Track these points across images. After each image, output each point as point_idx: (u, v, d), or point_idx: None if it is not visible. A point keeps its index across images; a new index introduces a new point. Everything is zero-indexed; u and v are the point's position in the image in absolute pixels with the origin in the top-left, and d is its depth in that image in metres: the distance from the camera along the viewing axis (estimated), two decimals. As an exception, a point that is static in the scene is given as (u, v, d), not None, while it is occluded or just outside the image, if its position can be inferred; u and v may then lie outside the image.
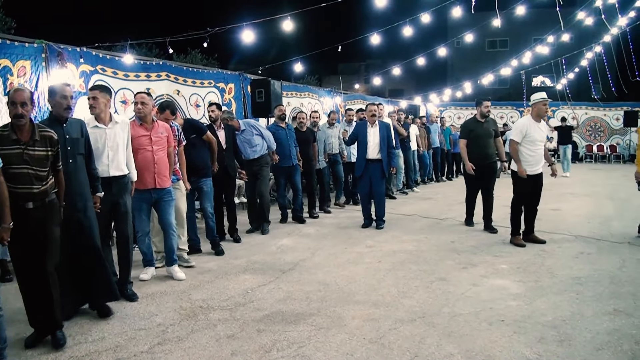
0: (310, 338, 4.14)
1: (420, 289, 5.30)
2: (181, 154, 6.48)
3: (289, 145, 9.02)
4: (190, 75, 10.54)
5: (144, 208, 5.85)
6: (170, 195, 5.95)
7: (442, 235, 7.78)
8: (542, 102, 7.11)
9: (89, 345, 4.14)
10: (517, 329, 4.20)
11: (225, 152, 7.65)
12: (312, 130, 9.95)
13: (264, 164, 8.45)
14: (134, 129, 5.62)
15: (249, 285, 5.59)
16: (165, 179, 5.87)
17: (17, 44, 7.08)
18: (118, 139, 5.19)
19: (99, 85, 5.47)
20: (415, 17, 12.34)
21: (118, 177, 5.19)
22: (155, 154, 5.77)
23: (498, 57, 27.80)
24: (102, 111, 5.12)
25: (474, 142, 8.10)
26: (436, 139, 15.45)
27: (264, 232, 8.38)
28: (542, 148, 7.14)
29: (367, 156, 8.66)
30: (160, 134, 5.86)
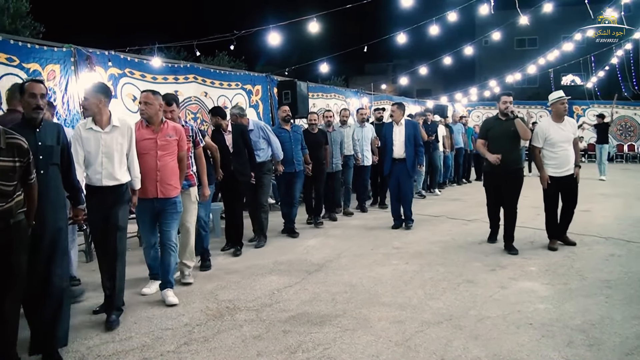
0: (336, 339, 4.13)
1: (447, 291, 5.26)
2: (200, 157, 6.00)
3: (292, 150, 8.32)
4: (217, 77, 10.63)
5: (147, 218, 5.34)
6: (175, 207, 5.32)
7: (470, 237, 7.70)
8: (559, 101, 6.85)
9: (116, 344, 4.19)
10: (545, 333, 4.14)
11: (232, 156, 7.10)
12: (323, 132, 9.39)
13: (265, 170, 7.85)
14: (138, 132, 5.12)
15: (275, 286, 5.61)
16: (170, 187, 5.22)
17: (47, 48, 7.24)
18: (114, 144, 4.63)
19: (92, 84, 4.89)
20: (442, 16, 12.27)
21: (111, 188, 4.63)
22: (160, 159, 5.15)
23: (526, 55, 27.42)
24: (97, 113, 4.60)
25: (491, 143, 6.99)
26: (459, 140, 15.02)
27: (259, 246, 7.58)
28: (566, 149, 6.78)
29: (393, 155, 8.56)
30: (169, 137, 5.23)
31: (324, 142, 9.20)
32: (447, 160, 14.36)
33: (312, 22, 10.20)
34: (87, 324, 4.62)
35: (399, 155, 8.53)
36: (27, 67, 6.87)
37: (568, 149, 6.79)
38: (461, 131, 15.20)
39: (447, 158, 14.35)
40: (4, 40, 6.74)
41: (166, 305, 5.07)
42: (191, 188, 5.83)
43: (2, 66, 6.59)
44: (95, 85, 4.79)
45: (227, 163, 6.96)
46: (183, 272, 5.86)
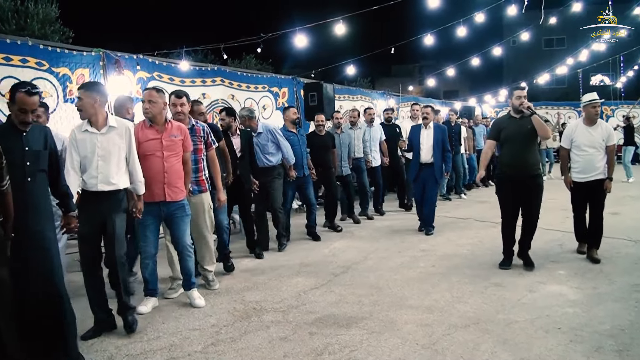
0: (362, 342, 4.13)
1: (474, 294, 5.22)
2: (212, 159, 5.68)
3: (301, 153, 7.99)
4: (244, 80, 10.70)
5: (151, 224, 4.98)
6: (183, 210, 5.04)
7: (498, 240, 7.51)
8: (590, 104, 6.38)
9: (144, 344, 4.26)
10: (573, 337, 4.08)
11: (239, 160, 6.79)
12: (331, 135, 8.96)
13: (275, 175, 7.52)
14: (141, 132, 4.86)
15: (301, 288, 5.62)
16: (178, 190, 4.97)
17: (76, 52, 7.36)
18: (111, 146, 4.37)
19: (85, 83, 4.59)
20: (469, 17, 12.18)
21: (107, 193, 4.36)
22: (166, 160, 4.89)
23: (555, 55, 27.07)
24: (92, 114, 4.31)
25: (504, 145, 6.12)
26: (481, 141, 14.50)
27: (281, 249, 7.50)
28: (592, 154, 6.32)
29: (420, 160, 8.27)
30: (174, 137, 4.95)
31: (332, 145, 8.82)
32: (470, 162, 14.04)
33: (338, 24, 10.19)
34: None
35: (426, 160, 8.24)
36: (57, 72, 7.00)
37: (594, 155, 6.33)
38: (483, 133, 14.77)
39: (471, 159, 14.04)
40: (34, 45, 6.88)
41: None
42: (203, 194, 5.53)
43: (32, 70, 6.72)
44: (89, 84, 4.54)
45: (234, 167, 6.63)
46: (207, 277, 5.70)
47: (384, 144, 10.40)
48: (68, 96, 7.17)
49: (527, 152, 6.02)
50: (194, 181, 5.39)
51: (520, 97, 5.97)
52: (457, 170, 12.79)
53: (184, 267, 5.17)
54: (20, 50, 6.64)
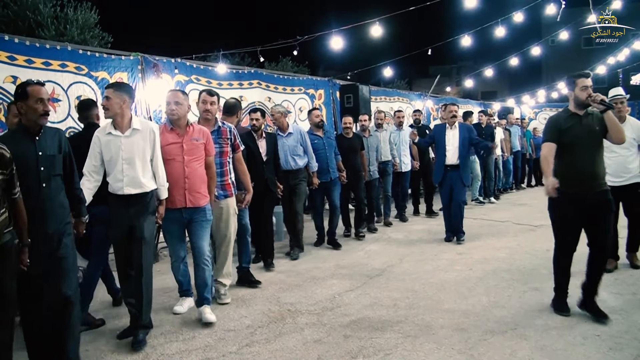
0: (397, 346, 4.09)
1: (512, 299, 5.12)
2: (239, 161, 5.48)
3: (327, 157, 7.74)
4: (280, 82, 10.74)
5: (176, 230, 4.88)
6: (204, 215, 4.84)
7: (536, 243, 7.46)
8: (613, 100, 5.73)
9: (180, 344, 4.30)
10: (613, 345, 3.96)
11: (265, 164, 6.56)
12: (359, 137, 8.67)
13: (302, 178, 7.33)
14: (162, 136, 4.63)
15: (336, 290, 5.61)
16: (199, 196, 4.78)
17: (114, 57, 7.50)
18: (135, 149, 4.28)
19: (114, 83, 4.51)
20: (507, 17, 11.99)
21: (135, 196, 4.28)
22: (187, 165, 4.71)
23: (594, 54, 26.41)
24: (118, 114, 4.25)
25: (564, 151, 4.56)
26: (516, 143, 14.27)
27: (294, 258, 7.16)
28: (623, 155, 5.75)
29: (445, 162, 7.86)
30: (196, 141, 4.77)
31: (360, 148, 8.53)
32: (507, 165, 13.73)
33: (374, 25, 10.14)
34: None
35: (452, 162, 7.83)
36: (96, 76, 7.14)
37: (626, 155, 5.78)
38: (518, 134, 14.49)
39: (507, 162, 13.71)
40: (73, 50, 7.03)
41: (230, 304, 5.17)
42: (229, 199, 5.30)
43: (72, 75, 6.87)
44: (119, 84, 4.47)
45: (259, 171, 6.38)
46: (219, 291, 5.35)
47: (415, 147, 10.17)
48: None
49: (596, 160, 4.56)
50: (219, 185, 5.19)
51: (587, 87, 4.51)
52: (488, 173, 12.43)
53: (199, 278, 4.86)
54: (59, 55, 6.80)
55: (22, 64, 6.47)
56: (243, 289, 5.75)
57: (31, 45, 6.60)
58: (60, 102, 6.73)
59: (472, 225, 9.09)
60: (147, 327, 4.39)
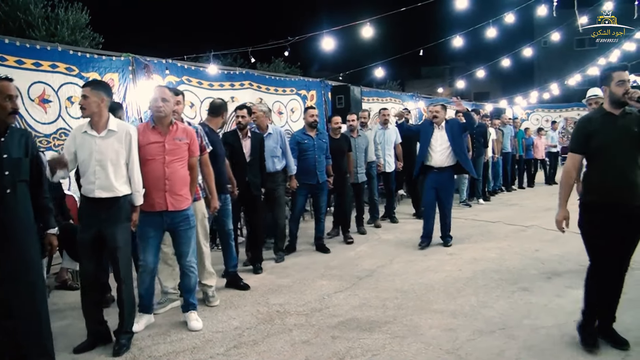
0: (385, 346, 4.09)
1: (501, 299, 5.12)
2: (205, 164, 5.14)
3: (315, 159, 7.41)
4: (272, 83, 10.77)
5: (151, 236, 4.55)
6: (188, 222, 4.63)
7: (526, 243, 7.49)
8: (590, 100, 5.58)
9: (167, 345, 4.29)
10: (601, 344, 3.97)
11: (249, 165, 6.29)
12: (346, 137, 8.30)
13: (280, 181, 7.13)
14: (143, 134, 4.43)
15: (325, 291, 5.60)
16: (181, 199, 4.54)
17: (105, 58, 7.53)
18: (109, 151, 4.07)
19: (92, 81, 4.33)
20: (500, 18, 12.03)
21: (106, 200, 4.06)
22: (168, 165, 4.45)
23: (587, 56, 26.51)
24: (95, 113, 4.05)
25: (597, 157, 3.93)
26: (507, 144, 13.97)
27: (279, 261, 7.01)
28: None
29: (431, 163, 7.47)
30: (179, 141, 4.55)
31: (347, 149, 8.22)
32: (496, 166, 13.55)
33: (366, 26, 10.16)
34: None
35: (440, 165, 7.44)
36: (87, 76, 7.13)
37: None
38: (510, 134, 14.25)
39: (497, 164, 13.51)
40: (64, 50, 7.05)
41: (218, 306, 5.15)
42: (197, 202, 5.09)
43: (62, 75, 6.88)
44: (96, 82, 4.28)
45: (242, 174, 6.15)
46: (207, 293, 5.30)
47: (399, 147, 9.90)
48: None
49: (634, 167, 3.86)
50: None
51: (625, 82, 3.85)
52: (478, 175, 11.91)
53: (185, 285, 4.78)
54: (50, 56, 6.81)
55: (13, 64, 6.48)
56: (232, 291, 5.74)
57: (21, 45, 6.61)
58: (51, 103, 6.75)
59: (463, 225, 9.11)
60: (129, 332, 4.26)
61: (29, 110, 6.58)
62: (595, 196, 3.92)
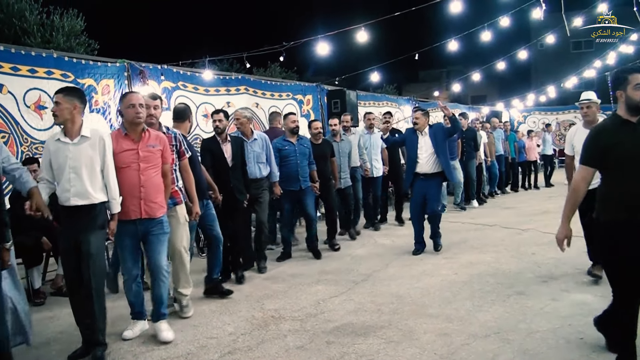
0: (380, 351, 4.09)
1: (496, 303, 5.12)
2: (185, 169, 5.09)
3: (297, 165, 7.29)
4: (268, 88, 10.79)
5: (129, 245, 4.50)
6: (161, 228, 4.53)
7: (523, 247, 7.49)
8: (580, 104, 5.71)
9: (162, 352, 4.28)
10: (596, 348, 3.97)
11: (231, 170, 6.15)
12: (328, 142, 8.15)
13: (265, 187, 6.91)
14: (116, 142, 4.35)
15: (320, 296, 5.60)
16: (156, 206, 4.46)
17: (100, 64, 7.54)
18: (83, 158, 4.03)
19: (64, 87, 4.23)
20: (496, 21, 12.08)
21: (82, 208, 4.02)
22: (143, 173, 4.38)
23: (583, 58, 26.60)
24: (68, 120, 4.02)
25: (617, 169, 3.43)
26: (500, 147, 13.89)
27: (262, 271, 6.77)
28: None
29: (418, 169, 7.30)
30: (152, 147, 4.46)
31: (330, 155, 8.06)
32: (492, 169, 13.48)
33: (360, 31, 10.19)
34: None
35: (425, 171, 7.28)
36: (82, 83, 7.15)
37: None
38: (501, 137, 14.21)
39: (492, 166, 13.45)
40: (59, 57, 7.06)
41: (216, 311, 5.13)
42: (177, 207, 4.97)
43: (58, 82, 6.87)
44: (69, 88, 4.22)
45: (225, 179, 6.04)
46: (181, 302, 5.11)
47: (385, 151, 9.67)
48: (94, 106, 7.35)
49: None
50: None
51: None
52: (470, 178, 12.02)
53: (155, 292, 4.60)
54: (45, 63, 6.82)
55: (8, 71, 6.50)
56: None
57: (17, 52, 6.62)
58: (47, 110, 6.74)
59: (459, 229, 9.13)
60: (103, 344, 4.15)
61: (24, 116, 6.59)
62: (615, 214, 3.43)
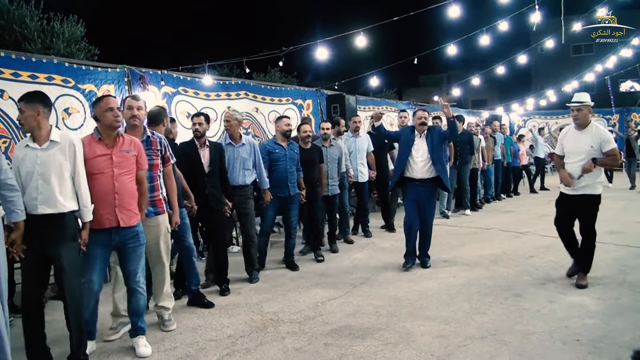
0: (377, 353, 4.12)
1: (493, 305, 5.16)
2: (169, 176, 4.94)
3: (287, 170, 6.98)
4: (268, 93, 10.86)
5: (99, 255, 4.22)
6: (137, 239, 4.32)
7: (521, 250, 7.52)
8: (572, 106, 5.70)
9: (161, 354, 4.32)
10: (592, 349, 4.01)
11: (207, 177, 5.84)
12: (317, 148, 7.78)
13: (249, 195, 6.58)
14: (89, 147, 4.15)
15: (319, 299, 5.64)
16: (131, 214, 4.26)
17: (101, 69, 7.60)
18: (52, 163, 3.84)
19: (26, 94, 4.04)
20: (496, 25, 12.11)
21: (50, 217, 3.82)
22: (117, 179, 4.17)
23: (583, 62, 26.65)
24: (34, 127, 3.86)
25: None
26: (498, 151, 13.53)
27: (253, 281, 6.47)
28: (579, 164, 5.58)
29: (412, 175, 6.81)
30: (126, 153, 4.27)
31: (319, 160, 7.70)
32: (487, 174, 13.11)
33: (359, 36, 10.23)
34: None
35: (421, 176, 6.76)
36: (83, 88, 7.21)
37: (582, 164, 5.57)
38: (500, 141, 13.85)
39: (488, 172, 13.07)
40: (59, 62, 7.12)
41: (215, 314, 5.16)
42: (160, 216, 4.78)
43: (58, 87, 6.94)
44: (31, 94, 4.01)
45: (200, 186, 5.75)
46: (162, 316, 4.91)
47: (372, 155, 9.23)
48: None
49: None
50: (149, 202, 4.66)
51: None
52: (462, 184, 11.51)
53: (133, 306, 4.42)
54: (45, 68, 6.88)
55: (9, 77, 6.55)
56: (227, 299, 5.79)
57: (17, 58, 6.68)
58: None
59: (458, 232, 9.18)
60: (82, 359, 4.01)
61: (25, 121, 6.62)
62: None
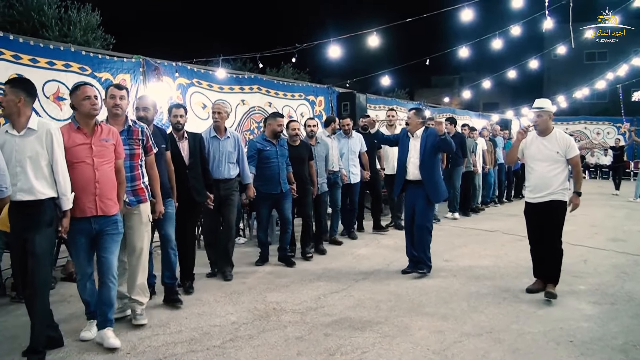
0: (375, 345, 4.25)
1: (491, 305, 5.27)
2: (152, 165, 4.89)
3: (279, 167, 6.94)
4: (281, 88, 10.98)
5: (83, 243, 4.26)
6: (115, 227, 4.33)
7: (522, 253, 7.51)
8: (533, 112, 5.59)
9: (166, 336, 4.47)
10: (584, 351, 4.11)
11: (188, 170, 5.77)
12: (306, 145, 7.68)
13: (234, 188, 6.48)
14: (68, 136, 4.13)
15: (321, 292, 5.77)
16: (110, 203, 4.26)
17: (117, 59, 7.74)
18: (28, 151, 3.83)
19: (11, 79, 4.00)
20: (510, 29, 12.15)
21: (28, 204, 3.82)
22: (97, 168, 4.17)
23: (596, 69, 26.54)
24: (14, 112, 3.85)
25: None
26: (500, 155, 13.32)
27: (227, 279, 6.32)
28: (544, 170, 5.48)
29: (407, 177, 6.61)
30: (105, 142, 4.26)
31: (308, 158, 7.61)
32: (487, 178, 12.92)
33: (372, 35, 10.33)
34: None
35: (413, 177, 6.55)
36: (99, 76, 7.36)
37: (546, 170, 5.48)
38: (500, 145, 13.59)
39: (488, 175, 12.91)
40: (77, 51, 7.27)
41: (220, 301, 5.30)
42: (142, 205, 4.72)
43: (75, 75, 7.09)
44: (16, 80, 3.98)
45: (182, 179, 5.61)
46: (135, 310, 4.76)
47: (365, 155, 9.16)
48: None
49: None
50: (130, 191, 4.63)
51: None
52: (453, 187, 10.97)
53: (103, 296, 4.31)
54: (63, 56, 7.03)
55: (27, 62, 6.69)
56: (232, 287, 5.95)
57: (35, 45, 6.81)
58: (66, 101, 6.88)
59: (461, 234, 9.28)
60: (40, 352, 3.91)
61: (44, 106, 6.79)
62: None
